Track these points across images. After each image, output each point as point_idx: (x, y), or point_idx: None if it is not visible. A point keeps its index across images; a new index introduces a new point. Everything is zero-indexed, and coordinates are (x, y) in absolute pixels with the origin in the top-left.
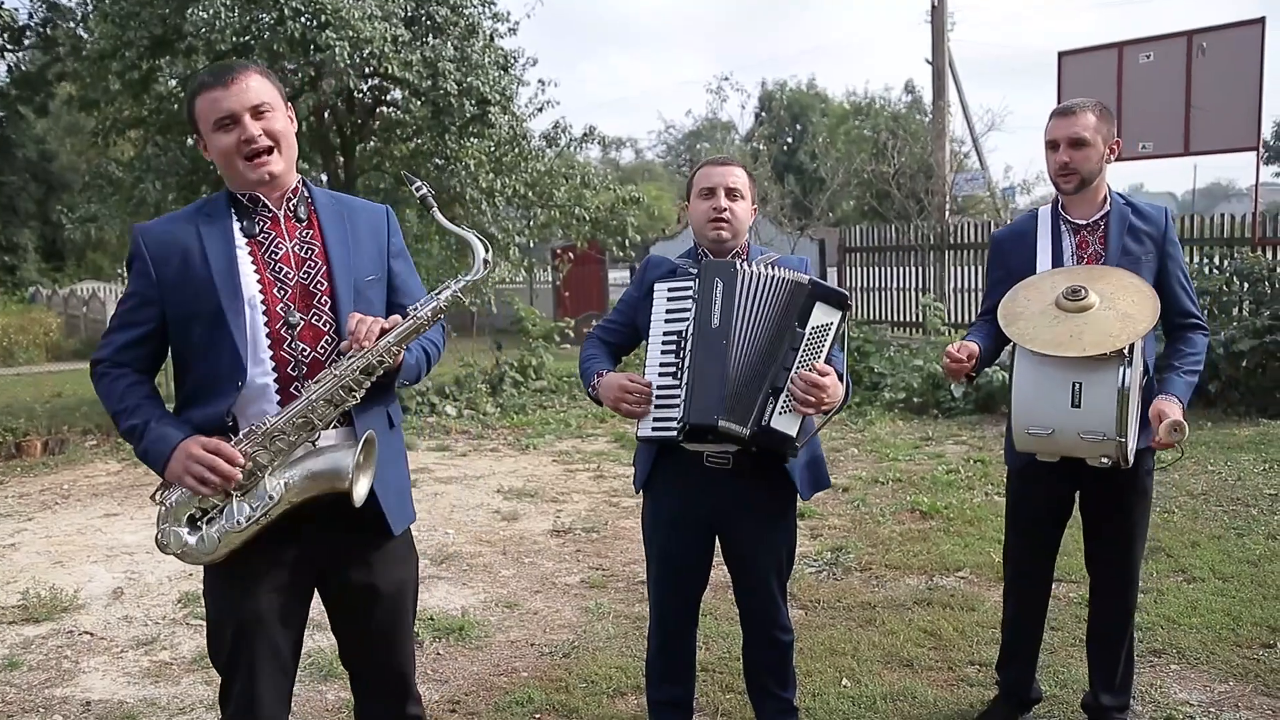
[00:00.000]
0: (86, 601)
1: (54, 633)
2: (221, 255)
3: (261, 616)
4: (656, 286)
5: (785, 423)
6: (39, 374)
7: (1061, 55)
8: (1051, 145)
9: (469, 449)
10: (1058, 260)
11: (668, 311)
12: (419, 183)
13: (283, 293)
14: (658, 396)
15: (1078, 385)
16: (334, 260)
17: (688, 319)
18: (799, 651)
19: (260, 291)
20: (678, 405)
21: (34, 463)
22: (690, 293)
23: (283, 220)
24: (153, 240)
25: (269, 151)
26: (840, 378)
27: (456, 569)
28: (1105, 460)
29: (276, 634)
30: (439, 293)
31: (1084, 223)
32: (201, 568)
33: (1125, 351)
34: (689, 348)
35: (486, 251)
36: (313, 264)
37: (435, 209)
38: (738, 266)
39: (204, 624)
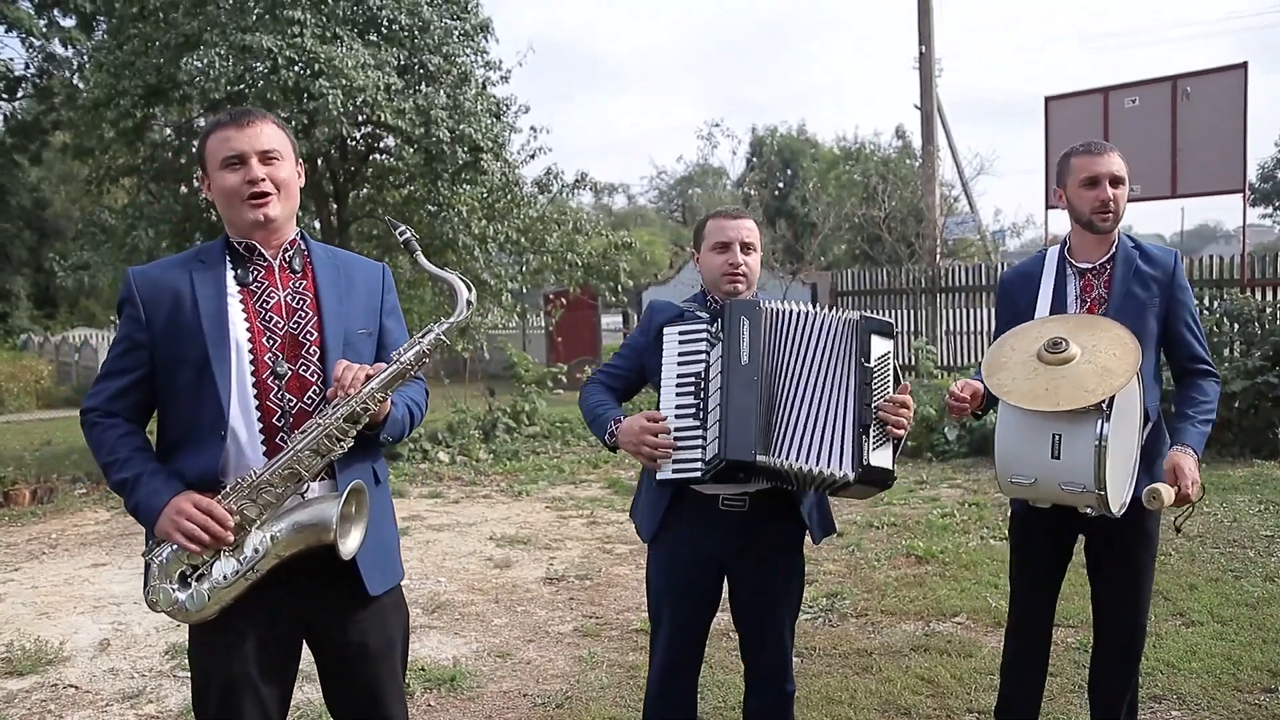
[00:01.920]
0: (72, 654)
1: (38, 686)
2: (212, 301)
3: (248, 673)
4: (665, 331)
5: (882, 456)
6: (29, 421)
7: (1048, 100)
8: (1090, 182)
9: (461, 495)
10: (1060, 304)
11: (680, 355)
12: (402, 227)
13: (271, 342)
14: (676, 438)
15: (1058, 437)
16: (325, 311)
17: (704, 360)
18: (795, 700)
19: (249, 339)
20: (699, 445)
21: (22, 511)
22: (704, 335)
23: (277, 270)
24: (145, 284)
25: (270, 196)
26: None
27: (448, 618)
28: (1089, 510)
29: (263, 691)
30: (422, 336)
31: (1089, 266)
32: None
33: (1104, 405)
34: (714, 387)
35: (470, 293)
36: (303, 314)
37: (419, 253)
38: (762, 304)
39: (190, 676)
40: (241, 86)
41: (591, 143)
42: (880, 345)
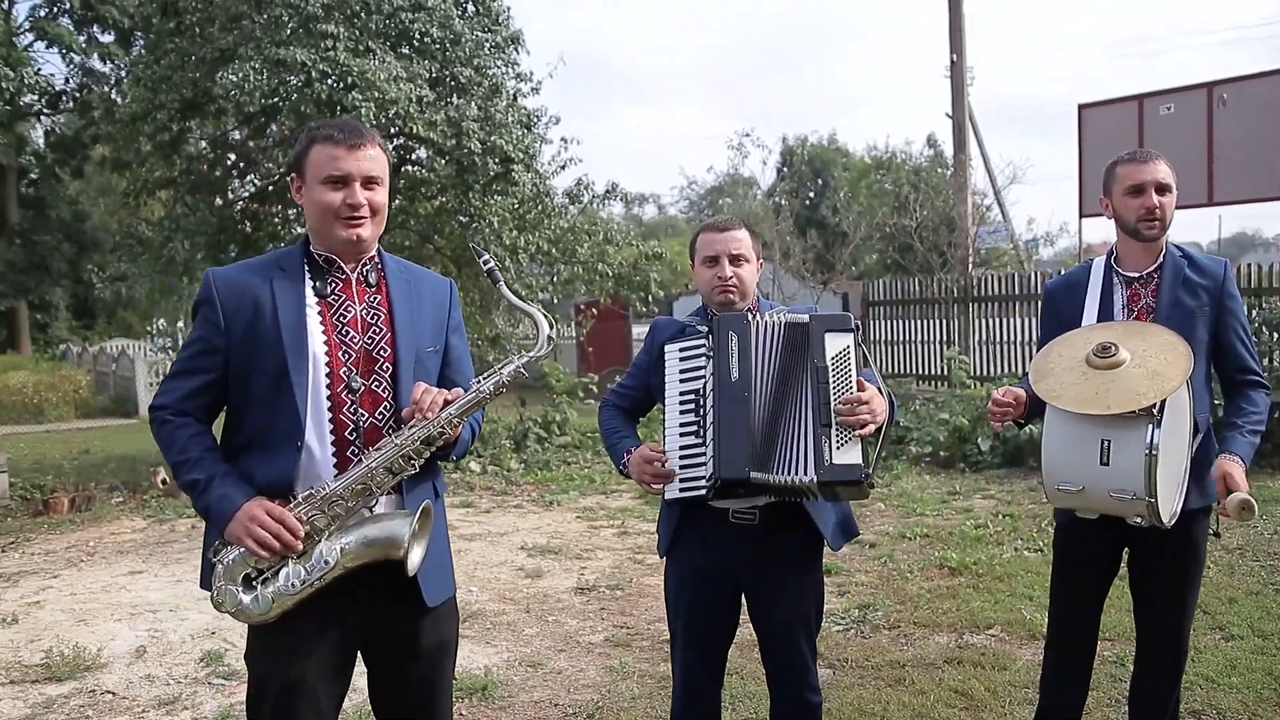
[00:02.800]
0: (109, 660)
1: (76, 692)
2: (292, 312)
3: (306, 678)
4: (666, 349)
5: (847, 454)
6: (68, 431)
7: (1082, 108)
8: (1136, 190)
9: (493, 505)
10: (1106, 313)
11: (681, 372)
12: (486, 256)
13: (347, 356)
14: (682, 456)
15: (1106, 443)
16: (399, 328)
17: (703, 376)
18: (827, 712)
19: (326, 353)
20: (703, 463)
21: (61, 519)
22: (703, 350)
23: (354, 283)
24: (225, 287)
25: (366, 219)
26: (880, 392)
27: (480, 627)
28: (1139, 520)
29: (319, 697)
30: (502, 367)
31: (1137, 275)
32: (229, 628)
33: (1154, 410)
34: (709, 404)
35: (550, 328)
36: (378, 330)
37: (501, 282)
38: (749, 318)
39: (225, 683)
40: (276, 100)
41: (622, 153)
42: (835, 342)
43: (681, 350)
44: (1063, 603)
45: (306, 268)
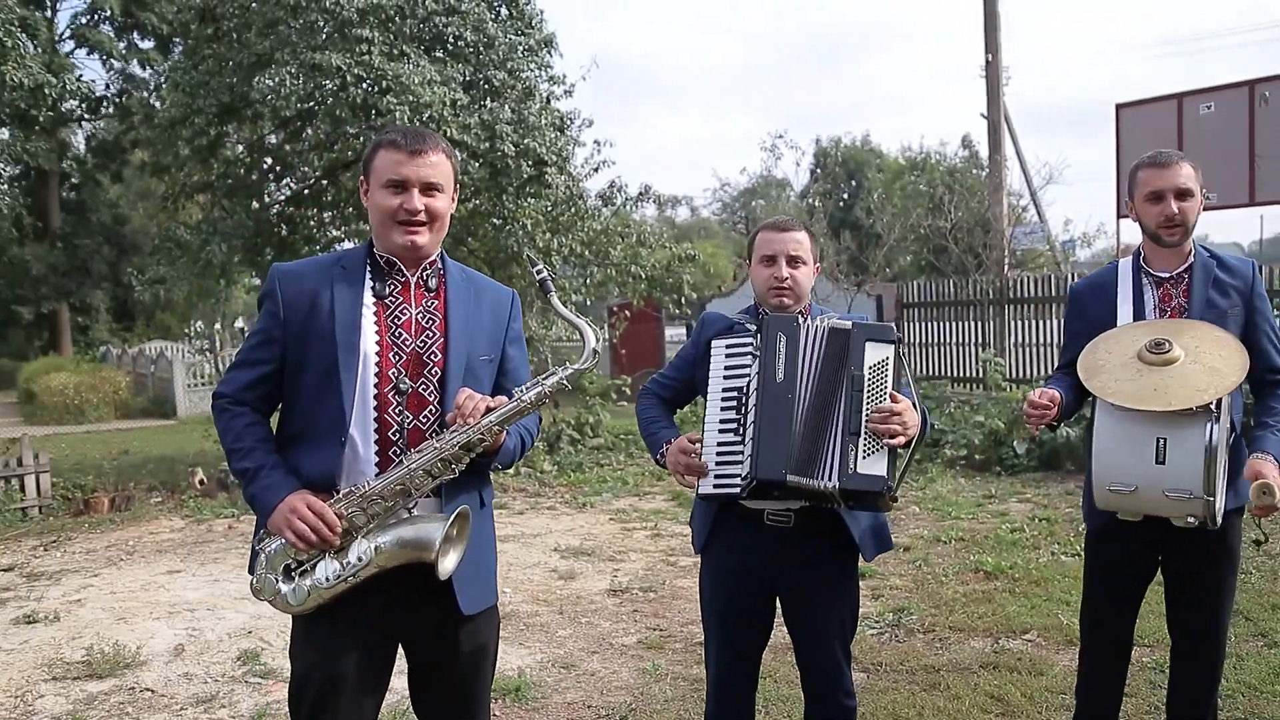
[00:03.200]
0: (148, 658)
1: (116, 689)
2: (348, 310)
3: (347, 674)
4: (714, 343)
5: (873, 464)
6: (108, 431)
7: (1119, 107)
8: (1155, 197)
9: (526, 507)
10: (1139, 313)
11: (726, 368)
12: (540, 266)
13: (397, 357)
14: (718, 453)
15: (1162, 441)
16: (452, 334)
17: (748, 374)
18: (860, 716)
19: (377, 353)
20: (740, 461)
21: (101, 519)
22: (749, 349)
23: (413, 287)
24: (287, 281)
25: (423, 225)
26: (914, 407)
27: (513, 628)
28: (1192, 520)
29: (360, 692)
30: (545, 378)
31: (1167, 275)
32: (266, 627)
33: (1213, 406)
34: (752, 403)
35: (596, 341)
36: (431, 334)
37: (553, 294)
38: (800, 321)
39: (262, 682)
40: (311, 104)
41: (655, 155)
42: (875, 352)
43: (729, 346)
44: (1096, 609)
45: (368, 268)
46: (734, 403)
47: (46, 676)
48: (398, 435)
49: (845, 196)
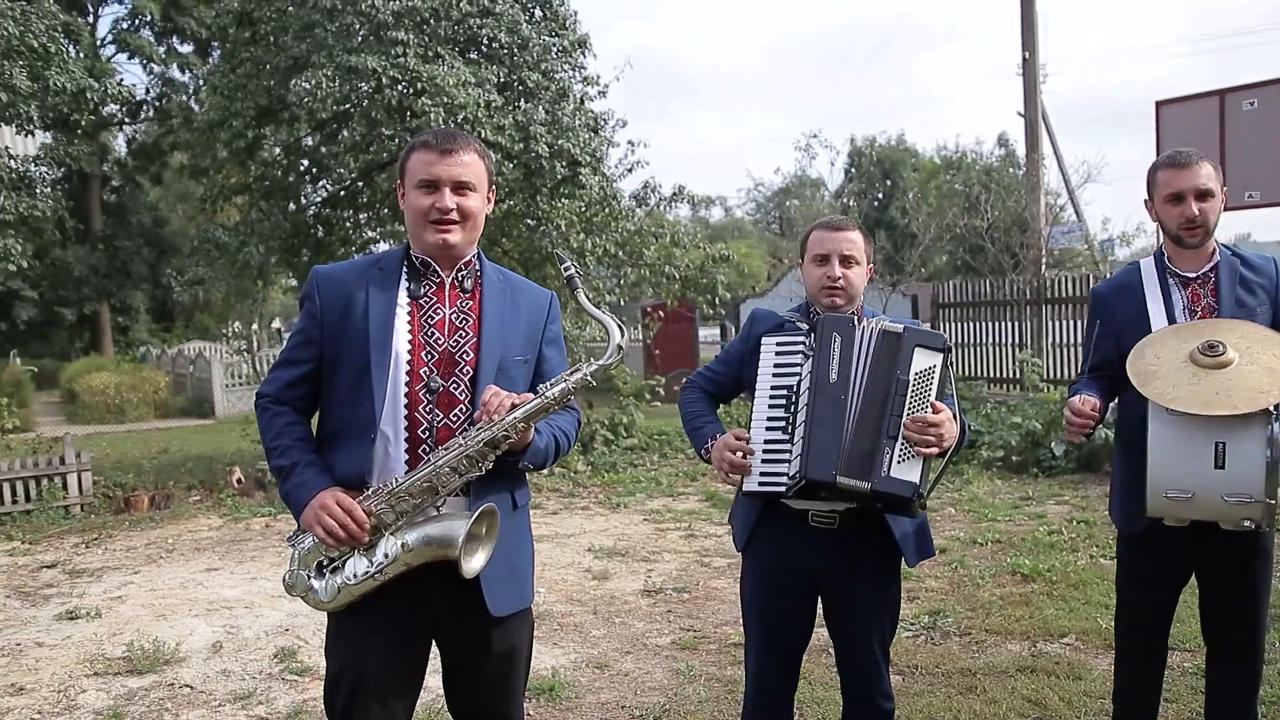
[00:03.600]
0: (187, 655)
1: (156, 685)
2: (382, 310)
3: (380, 672)
4: (764, 340)
5: (906, 470)
6: (147, 430)
7: (1159, 104)
8: (1175, 198)
9: (560, 507)
10: (1170, 315)
11: (775, 366)
12: (568, 263)
13: (429, 357)
14: (765, 450)
15: (1221, 446)
16: (485, 334)
17: (798, 373)
18: (896, 719)
19: (408, 352)
20: (787, 460)
21: (141, 517)
22: (800, 347)
23: (448, 288)
24: (326, 282)
25: (455, 224)
26: (954, 418)
27: (547, 628)
28: (1248, 523)
29: (392, 690)
30: (570, 374)
31: (1194, 275)
32: (302, 625)
33: (1271, 408)
34: (802, 402)
35: (622, 337)
36: (464, 334)
37: (580, 290)
38: (855, 322)
39: (298, 679)
40: (347, 106)
41: (689, 156)
42: (923, 359)
43: (779, 344)
44: (1132, 616)
45: (405, 269)
46: (782, 401)
47: (88, 672)
48: (427, 434)
49: (880, 196)
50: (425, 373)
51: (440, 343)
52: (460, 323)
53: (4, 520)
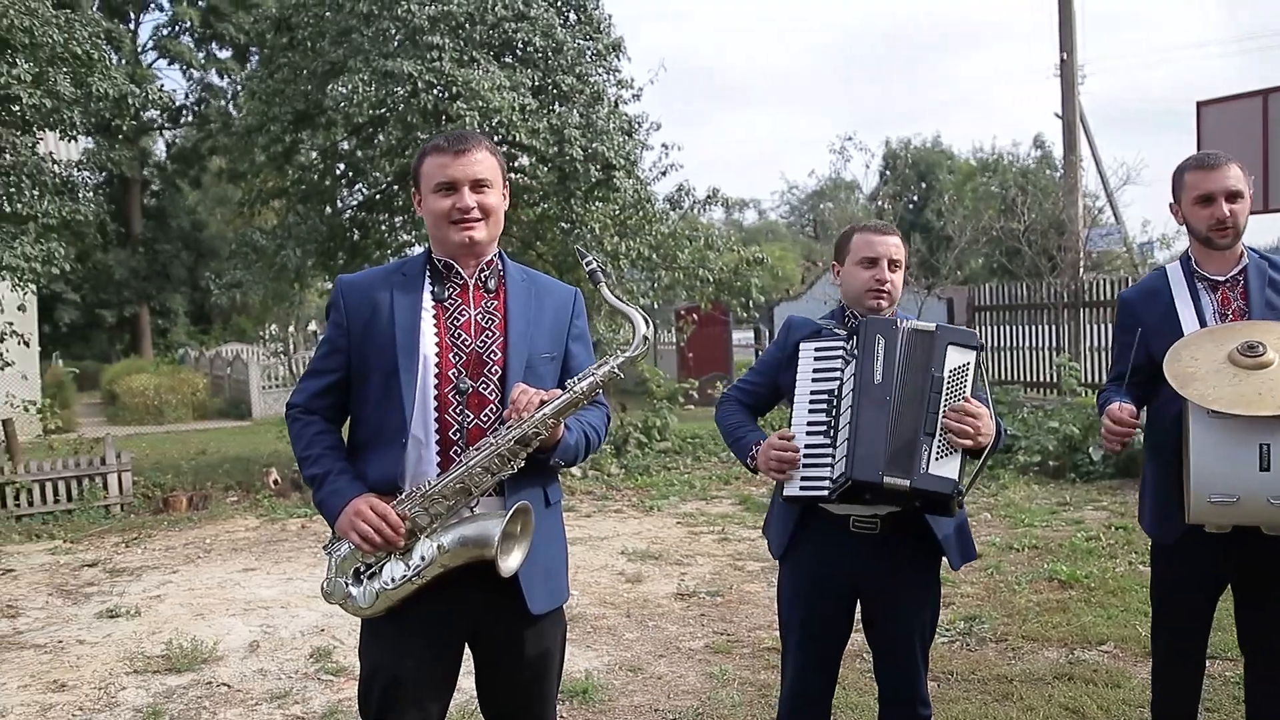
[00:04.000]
0: (225, 654)
1: (194, 683)
2: (407, 314)
3: (413, 674)
4: (802, 346)
5: (944, 466)
6: (186, 432)
7: (1200, 105)
8: (1205, 199)
9: (593, 510)
10: (1200, 319)
11: (815, 371)
12: (590, 257)
13: (457, 358)
14: (806, 455)
15: (1266, 447)
16: (511, 333)
17: (838, 377)
18: None
19: (436, 354)
20: (829, 464)
21: (179, 517)
22: (840, 352)
23: (471, 289)
24: (351, 291)
25: (477, 221)
26: (990, 415)
27: (580, 630)
28: None
29: (425, 691)
30: (597, 367)
31: (1222, 278)
32: (338, 625)
33: None
34: (845, 405)
35: (648, 328)
36: (490, 334)
37: (604, 284)
38: (898, 324)
39: (334, 679)
40: (383, 110)
41: (723, 158)
42: (957, 356)
43: (818, 350)
44: (1169, 625)
45: (427, 273)
46: (823, 405)
47: (128, 669)
48: (458, 435)
49: (915, 198)
50: (454, 374)
51: (467, 344)
52: (486, 323)
53: (46, 519)
